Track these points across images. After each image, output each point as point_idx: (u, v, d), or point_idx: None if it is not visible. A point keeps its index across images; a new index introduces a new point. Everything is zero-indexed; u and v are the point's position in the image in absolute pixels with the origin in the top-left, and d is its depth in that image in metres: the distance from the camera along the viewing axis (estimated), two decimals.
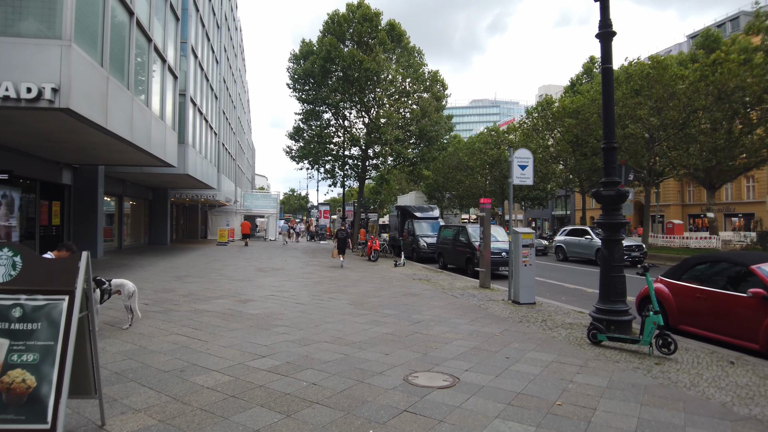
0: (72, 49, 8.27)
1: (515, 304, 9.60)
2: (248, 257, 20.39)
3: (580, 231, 21.59)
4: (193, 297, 9.48)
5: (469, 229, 16.36)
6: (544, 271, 16.96)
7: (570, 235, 22.01)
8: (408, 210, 23.69)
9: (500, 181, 36.94)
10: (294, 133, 30.18)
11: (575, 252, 21.29)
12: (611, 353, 5.99)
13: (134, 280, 12.11)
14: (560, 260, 21.73)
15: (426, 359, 5.46)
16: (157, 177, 20.72)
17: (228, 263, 17.20)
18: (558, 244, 22.53)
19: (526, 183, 10.39)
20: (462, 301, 9.90)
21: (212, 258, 19.26)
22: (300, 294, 10.24)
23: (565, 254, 21.88)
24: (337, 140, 29.09)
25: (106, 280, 6.47)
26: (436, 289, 11.69)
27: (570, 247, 21.66)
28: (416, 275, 14.82)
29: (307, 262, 18.72)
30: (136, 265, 15.41)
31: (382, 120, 25.26)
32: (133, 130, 11.67)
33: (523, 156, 10.36)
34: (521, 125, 34.13)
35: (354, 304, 9.08)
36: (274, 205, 40.74)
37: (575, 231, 22.01)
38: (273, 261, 18.87)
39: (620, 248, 7.17)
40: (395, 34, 28.29)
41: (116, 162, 15.89)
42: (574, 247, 21.34)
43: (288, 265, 17.39)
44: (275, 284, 11.74)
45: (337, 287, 11.47)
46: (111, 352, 5.41)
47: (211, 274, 13.51)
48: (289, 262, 18.72)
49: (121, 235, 22.69)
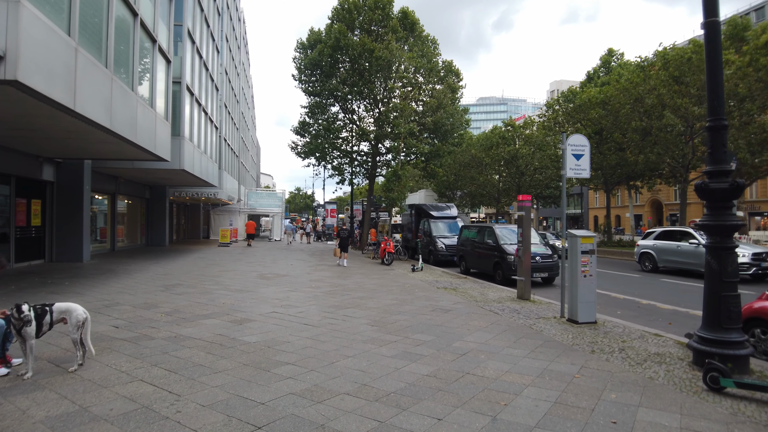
0: (22, 6, 6.56)
1: (573, 323, 7.80)
2: (250, 260, 18.69)
3: (678, 234, 16.70)
4: (177, 316, 7.75)
5: (498, 230, 14.55)
6: None
7: (663, 239, 17.11)
8: (423, 209, 21.90)
9: (516, 177, 35.04)
10: (300, 128, 28.49)
11: (671, 261, 16.46)
12: (750, 409, 4.20)
13: (115, 290, 10.31)
14: (647, 270, 17.13)
15: (499, 430, 3.69)
16: (151, 173, 19.07)
17: (227, 268, 15.50)
18: (644, 250, 17.51)
19: (581, 176, 8.57)
20: (506, 319, 8.10)
21: (211, 261, 17.58)
22: (309, 310, 8.49)
23: (654, 263, 17.02)
24: (346, 135, 27.36)
25: (47, 307, 4.74)
26: (468, 301, 9.90)
27: (663, 254, 16.76)
28: (439, 282, 13.04)
29: (314, 266, 16.99)
30: (123, 271, 13.73)
31: (394, 113, 23.52)
32: (113, 116, 9.98)
33: (578, 144, 8.54)
34: (541, 118, 32.18)
35: (376, 325, 7.32)
36: (280, 204, 39.08)
37: (670, 234, 17.06)
38: (277, 265, 17.15)
39: (734, 258, 5.43)
40: (408, 22, 26.49)
41: (101, 155, 14.23)
42: (671, 254, 16.47)
43: (294, 270, 15.66)
44: (279, 296, 10.00)
45: (353, 300, 9.71)
46: (34, 418, 3.67)
47: (206, 283, 11.80)
48: (295, 266, 17.00)
49: (114, 237, 21.07)
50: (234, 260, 18.55)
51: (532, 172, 34.87)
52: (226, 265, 16.34)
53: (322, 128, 26.69)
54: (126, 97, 10.90)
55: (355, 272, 15.41)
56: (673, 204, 51.20)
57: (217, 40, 26.32)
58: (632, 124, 21.32)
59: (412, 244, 22.48)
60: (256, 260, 18.90)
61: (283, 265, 17.08)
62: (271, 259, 19.92)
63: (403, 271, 16.08)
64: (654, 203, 54.48)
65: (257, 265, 17.04)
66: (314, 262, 19.00)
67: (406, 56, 23.68)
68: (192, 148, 18.84)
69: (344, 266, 16.88)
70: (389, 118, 24.24)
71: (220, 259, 19.05)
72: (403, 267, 17.48)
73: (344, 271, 15.72)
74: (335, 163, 28.21)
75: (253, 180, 56.04)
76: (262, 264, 17.38)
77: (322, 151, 26.98)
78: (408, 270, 16.23)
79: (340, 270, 15.91)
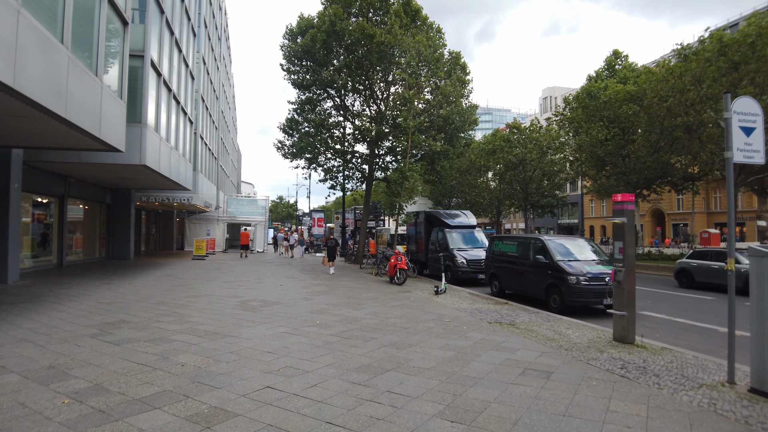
0: None
1: (762, 396, 4.67)
2: (229, 279, 15.17)
3: None
4: (93, 403, 4.32)
5: (550, 243, 11.45)
6: (662, 303, 12.16)
7: None
8: (436, 216, 18.69)
9: (522, 183, 32.28)
10: (287, 126, 25.14)
11: None
12: None
13: (19, 334, 6.58)
14: None
15: None
16: (107, 170, 15.47)
17: (199, 291, 11.98)
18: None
19: (753, 160, 5.51)
20: (658, 395, 4.89)
21: (179, 281, 14.00)
22: (327, 383, 5.11)
23: None
24: (339, 134, 24.11)
25: None
26: (554, 349, 6.69)
27: None
28: (481, 312, 9.82)
29: (310, 287, 13.60)
30: (55, 298, 10.11)
31: (399, 105, 20.45)
32: (20, 69, 6.54)
33: (748, 111, 5.49)
34: (557, 116, 29.48)
35: (458, 421, 4.02)
36: (262, 212, 35.48)
37: None
38: (263, 286, 13.70)
39: None
40: (410, 9, 23.53)
41: (24, 140, 10.65)
42: None
43: (286, 293, 12.26)
44: (272, 346, 6.60)
45: (387, 352, 6.37)
46: None
47: (164, 319, 8.31)
48: (285, 287, 13.59)
49: (62, 249, 17.27)
50: (209, 279, 15.00)
51: (540, 177, 32.16)
52: (198, 287, 12.80)
53: (314, 124, 23.41)
54: (46, 47, 7.45)
55: (366, 296, 12.10)
56: (676, 213, 49.19)
57: (194, 20, 22.85)
58: (677, 120, 18.62)
59: (418, 258, 19.27)
60: (236, 278, 15.38)
61: (271, 286, 13.64)
62: (254, 276, 16.41)
63: (423, 293, 12.83)
64: (655, 212, 52.44)
65: (237, 286, 13.55)
66: (308, 280, 15.58)
67: (411, 43, 20.65)
68: (158, 141, 15.32)
69: (331, 273, 17.46)
70: (393, 113, 21.12)
71: (192, 277, 15.46)
72: (417, 287, 14.24)
73: (351, 294, 12.39)
74: (328, 165, 24.93)
75: (234, 186, 52.16)
76: (244, 284, 13.90)
77: (313, 151, 23.69)
78: (428, 292, 13.00)
79: (345, 293, 12.57)
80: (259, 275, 16.87)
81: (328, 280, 15.54)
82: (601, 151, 24.37)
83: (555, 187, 33.71)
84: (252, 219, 34.75)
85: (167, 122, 17.18)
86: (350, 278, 16.57)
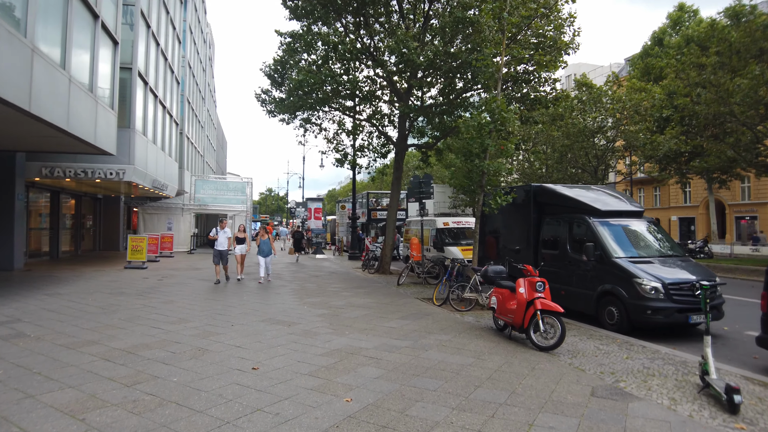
0: None
1: None
2: (149, 325, 6.64)
3: None
4: None
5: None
6: None
7: None
8: (561, 195, 9.79)
9: (593, 160, 24.03)
10: (273, 71, 16.53)
11: None
12: None
13: None
14: None
15: None
16: None
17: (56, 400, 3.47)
18: None
19: None
20: None
21: (49, 349, 5.48)
22: None
23: None
24: (360, 78, 15.40)
25: None
26: None
27: None
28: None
29: (341, 378, 5.04)
30: None
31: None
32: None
33: None
34: (676, 64, 20.92)
35: None
36: (243, 199, 26.74)
37: None
38: (214, 357, 5.15)
39: None
40: None
41: None
42: None
43: (273, 391, 3.69)
44: None
45: None
46: None
47: None
48: (268, 362, 5.02)
49: None
50: (110, 334, 6.47)
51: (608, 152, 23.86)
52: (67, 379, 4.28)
53: (319, 60, 14.71)
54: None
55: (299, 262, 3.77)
56: (741, 205, 41.26)
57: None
58: None
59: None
60: (166, 324, 6.83)
61: (234, 359, 5.06)
62: (208, 315, 7.83)
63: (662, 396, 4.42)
64: (718, 206, 44.25)
65: (150, 363, 5.00)
66: (320, 328, 7.03)
67: None
68: (45, 69, 6.71)
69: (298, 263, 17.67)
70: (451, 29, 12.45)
71: (76, 326, 6.91)
72: (605, 355, 5.84)
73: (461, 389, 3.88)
74: (333, 125, 16.40)
75: (212, 171, 43.16)
76: (171, 346, 5.38)
77: (318, 99, 15.05)
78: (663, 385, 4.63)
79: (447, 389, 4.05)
80: (225, 308, 8.34)
81: (378, 320, 7.06)
82: None
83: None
84: (230, 208, 25.99)
85: (58, 34, 8.55)
86: (400, 314, 8.13)
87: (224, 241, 12.32)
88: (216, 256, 12.36)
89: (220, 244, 12.27)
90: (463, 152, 10.02)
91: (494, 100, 9.66)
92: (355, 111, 16.81)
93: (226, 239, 12.40)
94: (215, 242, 12.30)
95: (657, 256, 8.11)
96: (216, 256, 12.37)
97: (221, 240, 12.29)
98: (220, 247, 12.28)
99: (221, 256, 12.30)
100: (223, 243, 12.29)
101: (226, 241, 12.37)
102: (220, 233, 12.34)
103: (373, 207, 25.65)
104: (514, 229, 11.00)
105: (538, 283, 6.32)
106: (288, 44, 15.65)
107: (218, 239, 12.27)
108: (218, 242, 12.27)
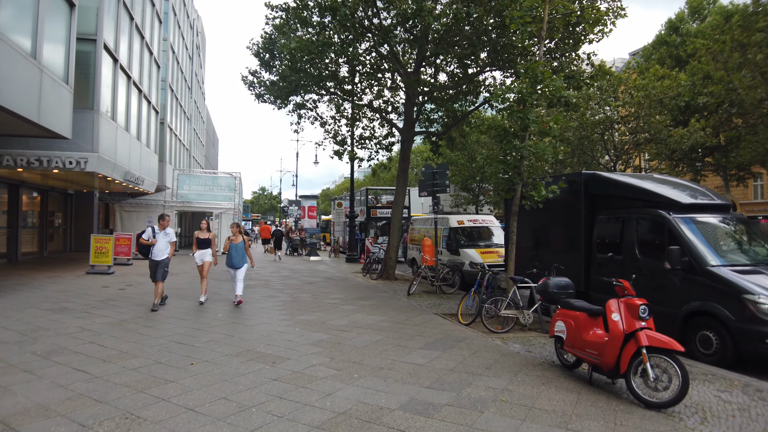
0: None
1: None
2: (69, 371, 4.54)
3: None
4: None
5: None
6: None
7: None
8: (634, 187, 7.56)
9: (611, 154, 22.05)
10: (263, 48, 14.42)
11: None
12: None
13: None
14: None
15: None
16: None
17: None
18: None
19: None
20: None
21: None
22: None
23: None
24: (366, 58, 13.29)
25: None
26: None
27: None
28: None
29: None
30: None
31: None
32: None
33: None
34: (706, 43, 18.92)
35: None
36: (230, 195, 24.52)
37: None
38: None
39: None
40: None
41: None
42: None
43: None
44: None
45: None
46: None
47: None
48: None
49: None
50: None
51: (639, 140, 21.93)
52: None
53: (315, 38, 12.55)
54: None
55: None
56: (752, 204, 39.57)
57: None
58: None
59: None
60: (102, 366, 4.72)
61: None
62: (162, 344, 5.72)
63: None
64: None
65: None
66: (329, 374, 4.94)
67: None
68: None
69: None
70: None
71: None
72: None
73: None
74: (333, 105, 14.32)
75: (200, 166, 40.84)
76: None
77: (314, 79, 12.93)
78: None
79: None
80: (174, 336, 6.22)
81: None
82: None
83: None
84: (216, 205, 23.79)
85: None
86: (423, 340, 6.06)
87: (164, 247, 8.27)
88: (152, 268, 8.23)
89: (158, 252, 8.21)
90: (498, 132, 7.92)
91: (537, 64, 7.57)
92: (353, 94, 14.69)
93: (167, 245, 8.33)
94: (151, 249, 8.20)
95: (764, 264, 6.09)
96: (152, 269, 8.23)
97: (161, 245, 8.23)
98: (158, 255, 8.20)
99: (158, 269, 8.15)
100: (163, 250, 8.24)
101: (167, 247, 8.32)
102: (159, 235, 8.26)
103: (373, 204, 23.51)
104: (550, 228, 8.97)
105: (642, 308, 4.26)
106: (280, 18, 13.55)
107: (156, 244, 8.21)
108: (156, 248, 8.19)
